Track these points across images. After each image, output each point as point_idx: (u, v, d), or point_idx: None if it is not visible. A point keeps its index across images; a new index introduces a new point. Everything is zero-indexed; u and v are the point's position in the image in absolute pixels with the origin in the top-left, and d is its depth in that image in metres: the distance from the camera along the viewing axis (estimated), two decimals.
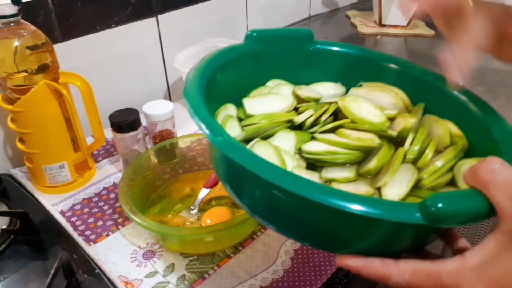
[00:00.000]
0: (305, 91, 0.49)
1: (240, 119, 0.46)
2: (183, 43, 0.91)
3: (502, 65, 0.93)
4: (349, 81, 0.51)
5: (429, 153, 0.39)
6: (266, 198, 0.35)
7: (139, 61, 0.85)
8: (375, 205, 0.28)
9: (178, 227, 0.57)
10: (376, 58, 0.50)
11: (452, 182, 0.38)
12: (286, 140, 0.43)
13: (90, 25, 0.75)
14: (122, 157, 0.68)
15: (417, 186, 0.38)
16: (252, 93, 0.49)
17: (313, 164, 0.42)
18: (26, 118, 0.60)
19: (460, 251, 0.33)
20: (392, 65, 0.49)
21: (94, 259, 0.54)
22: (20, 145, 0.63)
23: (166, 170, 0.67)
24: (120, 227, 0.59)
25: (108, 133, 0.74)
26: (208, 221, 0.58)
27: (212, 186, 0.59)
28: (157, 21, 0.85)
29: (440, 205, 0.27)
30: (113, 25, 0.78)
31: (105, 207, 0.63)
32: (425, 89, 0.47)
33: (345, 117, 0.44)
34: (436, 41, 1.12)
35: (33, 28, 0.59)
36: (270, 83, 0.51)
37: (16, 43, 0.56)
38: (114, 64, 0.81)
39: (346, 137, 0.41)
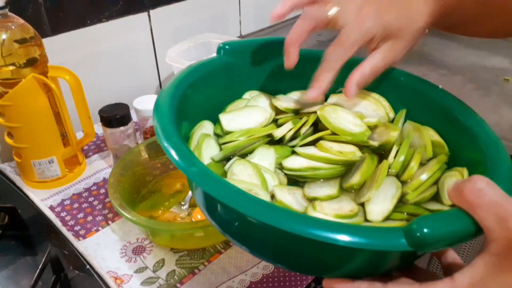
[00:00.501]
0: (283, 101, 0.47)
1: (218, 136, 0.45)
2: (175, 39, 0.90)
3: (494, 63, 0.94)
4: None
5: (414, 166, 0.39)
6: (242, 227, 0.33)
7: (131, 56, 0.84)
8: (358, 234, 0.26)
9: (168, 222, 0.56)
10: (354, 62, 0.47)
11: (436, 196, 0.37)
12: (265, 157, 0.42)
13: (80, 19, 0.74)
14: (112, 152, 0.67)
15: (401, 201, 0.37)
16: (229, 108, 0.48)
17: (296, 180, 0.41)
18: (14, 112, 0.59)
19: (449, 266, 0.33)
20: None
21: (84, 254, 0.54)
22: (8, 140, 0.63)
23: (156, 166, 0.66)
24: (110, 222, 0.59)
25: (98, 128, 0.73)
26: (199, 217, 0.57)
27: None
28: (149, 16, 0.85)
29: (426, 230, 0.26)
30: (104, 20, 0.77)
31: (95, 202, 0.62)
32: (407, 93, 0.46)
33: (325, 128, 0.43)
34: (430, 39, 1.13)
35: (22, 21, 0.58)
36: (247, 95, 0.50)
37: (4, 36, 0.55)
38: (105, 59, 0.80)
39: (327, 151, 0.40)
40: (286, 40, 0.43)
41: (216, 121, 0.46)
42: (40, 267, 0.47)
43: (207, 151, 0.42)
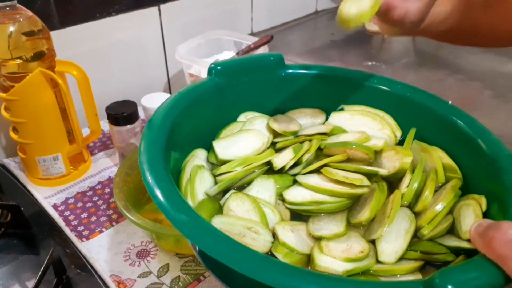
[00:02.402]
0: (281, 123, 0.45)
1: (212, 164, 0.43)
2: (185, 35, 0.88)
3: None
4: (329, 105, 0.47)
5: (428, 195, 0.36)
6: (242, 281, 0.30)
7: (139, 51, 0.83)
8: None
9: (173, 227, 0.55)
10: (355, 77, 0.46)
11: (451, 228, 0.35)
12: (265, 189, 0.39)
13: (89, 12, 0.73)
14: (118, 151, 0.66)
15: (415, 236, 0.35)
16: (223, 133, 0.45)
17: (299, 213, 0.38)
18: (20, 107, 0.57)
19: None
20: (374, 84, 0.45)
21: (86, 256, 0.52)
22: (13, 135, 0.61)
23: None
24: (114, 223, 0.57)
25: (105, 125, 0.71)
26: None
27: None
28: (159, 10, 0.83)
29: (450, 287, 0.23)
30: (113, 13, 0.76)
31: (99, 202, 0.61)
32: (414, 110, 0.43)
33: (330, 154, 0.41)
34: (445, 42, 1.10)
35: (30, 13, 0.56)
36: (242, 117, 0.47)
37: (11, 29, 0.54)
38: (113, 54, 0.79)
39: (332, 176, 0.38)
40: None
41: (210, 148, 0.44)
42: (42, 269, 0.46)
43: (201, 185, 0.39)
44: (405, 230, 0.34)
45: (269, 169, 0.42)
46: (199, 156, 0.42)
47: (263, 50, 0.81)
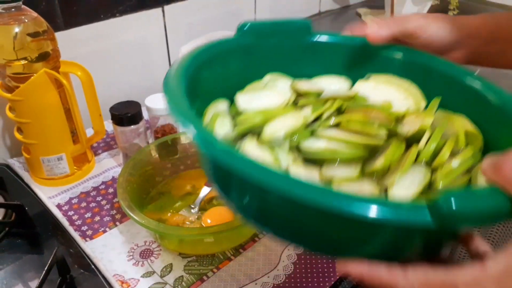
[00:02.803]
0: (305, 84, 0.45)
1: (233, 117, 0.43)
2: (188, 36, 0.89)
3: None
4: (355, 74, 0.47)
5: (446, 152, 0.35)
6: (257, 202, 0.32)
7: (143, 52, 0.83)
8: (369, 205, 0.24)
9: (177, 227, 0.55)
10: (382, 48, 0.46)
11: (468, 187, 0.34)
12: (282, 126, 0.39)
13: (93, 13, 0.73)
14: (122, 151, 0.66)
15: (429, 189, 0.34)
16: (247, 88, 0.46)
17: (313, 160, 0.38)
18: (24, 107, 0.58)
19: (478, 256, 0.30)
20: (400, 55, 0.45)
21: (90, 256, 0.52)
22: (18, 135, 0.62)
23: (167, 166, 0.65)
24: (117, 223, 0.58)
25: (109, 126, 0.72)
26: (209, 221, 0.56)
27: None
28: (163, 11, 0.83)
29: (454, 204, 0.23)
30: (117, 14, 0.76)
31: (103, 202, 0.61)
32: (438, 79, 0.43)
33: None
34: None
35: (35, 14, 0.57)
36: (267, 78, 0.47)
37: (17, 30, 0.54)
38: (117, 55, 0.79)
39: (349, 127, 0.38)
40: (368, 38, 0.43)
41: (232, 102, 0.44)
42: (46, 268, 0.46)
43: (221, 129, 0.40)
44: (418, 181, 0.34)
45: None
46: (220, 106, 0.43)
47: None
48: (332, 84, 0.47)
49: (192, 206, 0.58)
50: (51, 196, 0.62)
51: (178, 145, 0.65)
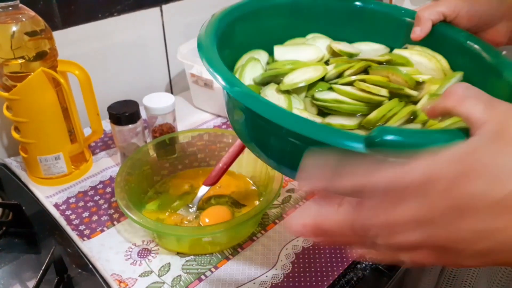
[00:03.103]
0: (341, 45, 0.49)
1: (266, 64, 0.48)
2: (186, 35, 0.89)
3: None
4: (396, 44, 0.50)
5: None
6: (274, 137, 0.37)
7: (141, 51, 0.83)
8: (322, 129, 0.30)
9: (175, 226, 0.55)
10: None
11: None
12: (301, 74, 0.44)
13: (91, 12, 0.73)
14: (120, 150, 0.66)
15: None
16: (287, 42, 0.50)
17: (324, 112, 0.43)
18: (22, 107, 0.58)
19: None
20: (441, 31, 0.47)
21: (88, 256, 0.52)
22: (15, 134, 0.61)
23: (165, 166, 0.65)
24: (115, 223, 0.57)
25: (107, 125, 0.71)
26: (207, 221, 0.56)
27: (212, 184, 0.57)
28: (161, 11, 0.83)
29: (382, 136, 0.27)
30: (115, 14, 0.76)
31: (101, 202, 0.61)
32: (468, 57, 0.45)
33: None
34: None
35: (32, 13, 0.56)
36: (310, 36, 0.51)
37: (14, 28, 0.54)
38: (115, 54, 0.79)
39: (358, 86, 0.42)
40: (420, 12, 0.47)
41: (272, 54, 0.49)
42: (43, 267, 0.46)
43: (251, 72, 0.45)
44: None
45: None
46: (259, 54, 0.48)
47: None
48: (370, 49, 0.50)
49: (190, 206, 0.58)
50: (49, 196, 0.62)
51: (176, 144, 0.65)
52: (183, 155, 0.65)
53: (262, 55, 0.48)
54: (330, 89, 0.44)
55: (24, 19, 0.55)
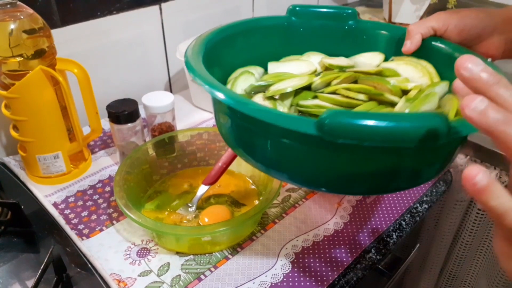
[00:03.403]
0: (332, 60, 0.51)
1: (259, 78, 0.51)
2: (186, 34, 0.88)
3: None
4: (387, 56, 0.53)
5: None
6: (270, 144, 0.39)
7: (140, 50, 0.82)
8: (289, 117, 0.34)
9: (174, 226, 0.55)
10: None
11: None
12: (287, 83, 0.46)
13: (90, 11, 0.72)
14: (119, 149, 0.66)
15: None
16: (282, 59, 0.54)
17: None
18: (20, 105, 0.57)
19: None
20: (430, 44, 0.49)
21: (86, 255, 0.52)
22: (13, 133, 0.61)
23: (164, 165, 0.64)
24: (114, 222, 0.57)
25: (105, 124, 0.71)
26: (206, 220, 0.56)
27: (212, 183, 0.57)
28: (160, 9, 0.82)
29: (329, 119, 0.29)
30: (114, 12, 0.75)
31: (100, 201, 0.61)
32: (448, 62, 0.46)
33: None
34: None
35: (31, 11, 0.56)
36: (305, 54, 0.54)
37: (12, 26, 0.54)
38: (114, 53, 0.79)
39: (340, 92, 0.44)
40: (410, 27, 0.49)
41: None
42: (42, 267, 0.46)
43: (243, 83, 0.48)
44: None
45: (301, 89, 0.48)
46: (255, 69, 0.51)
47: None
48: (365, 59, 0.53)
49: (190, 205, 0.58)
50: (48, 195, 0.61)
51: (175, 143, 0.64)
52: (183, 154, 0.65)
53: (258, 70, 0.51)
54: (315, 97, 0.45)
55: (22, 17, 0.55)
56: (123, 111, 0.61)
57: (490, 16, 0.47)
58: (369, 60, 0.52)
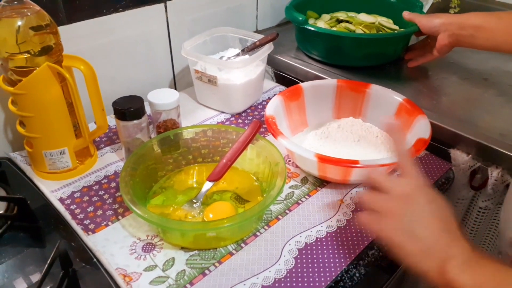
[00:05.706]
0: (381, 19, 0.98)
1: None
2: (191, 31, 0.89)
3: None
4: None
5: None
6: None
7: (146, 47, 0.83)
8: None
9: (180, 221, 0.55)
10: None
11: None
12: None
13: (96, 8, 0.73)
14: (124, 146, 0.66)
15: None
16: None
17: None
18: (27, 101, 0.58)
19: None
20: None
21: (92, 250, 0.53)
22: (20, 129, 0.62)
23: (169, 161, 0.65)
24: (120, 217, 0.58)
25: (111, 120, 0.72)
26: (211, 216, 0.56)
27: (216, 179, 0.58)
28: (166, 7, 0.83)
29: None
30: (120, 9, 0.76)
31: (105, 196, 0.61)
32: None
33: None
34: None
35: (38, 8, 0.56)
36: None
37: (19, 23, 0.54)
38: (120, 50, 0.79)
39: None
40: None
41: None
42: (48, 262, 0.46)
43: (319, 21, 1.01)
44: None
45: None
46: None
47: (268, 47, 0.81)
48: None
49: (194, 201, 0.58)
50: (54, 190, 0.62)
51: (180, 140, 0.65)
52: (187, 150, 0.66)
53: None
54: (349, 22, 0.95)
55: (29, 14, 0.55)
56: (129, 108, 0.62)
57: (445, 19, 0.78)
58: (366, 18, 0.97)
